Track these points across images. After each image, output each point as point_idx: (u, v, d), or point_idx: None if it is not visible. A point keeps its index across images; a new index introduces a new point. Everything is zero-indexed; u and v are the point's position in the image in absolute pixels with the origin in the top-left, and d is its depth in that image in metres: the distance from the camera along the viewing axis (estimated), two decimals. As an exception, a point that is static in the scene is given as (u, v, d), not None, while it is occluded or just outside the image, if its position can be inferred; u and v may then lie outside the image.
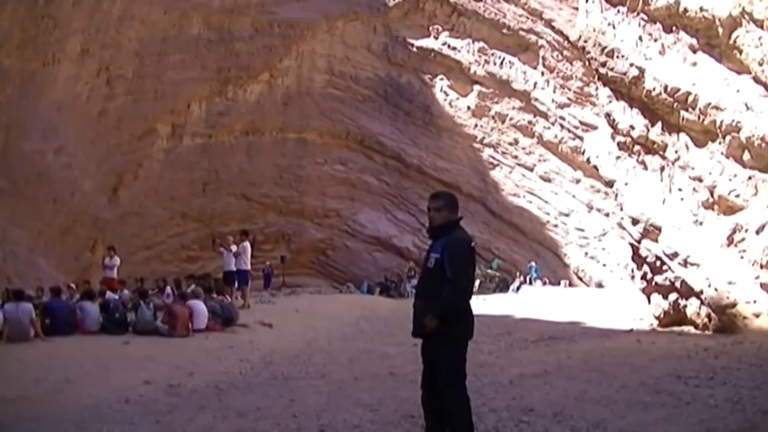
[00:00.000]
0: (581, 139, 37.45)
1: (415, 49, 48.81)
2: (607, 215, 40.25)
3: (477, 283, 31.25)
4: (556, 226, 45.53)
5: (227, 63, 43.74)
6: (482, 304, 28.18)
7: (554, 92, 44.21)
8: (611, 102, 19.66)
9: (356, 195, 50.14)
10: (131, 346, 16.66)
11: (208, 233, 43.07)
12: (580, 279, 43.55)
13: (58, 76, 31.14)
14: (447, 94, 48.69)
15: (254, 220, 45.91)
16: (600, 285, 40.69)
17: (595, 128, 29.69)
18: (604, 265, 42.04)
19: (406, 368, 12.42)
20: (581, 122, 42.17)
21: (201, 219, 45.07)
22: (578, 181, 43.95)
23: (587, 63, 24.39)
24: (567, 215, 44.80)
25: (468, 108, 47.91)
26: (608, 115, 19.95)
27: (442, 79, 48.78)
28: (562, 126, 44.10)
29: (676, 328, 16.40)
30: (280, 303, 27.96)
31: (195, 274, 29.26)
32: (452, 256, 7.37)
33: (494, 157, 47.77)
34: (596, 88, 25.08)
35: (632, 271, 20.66)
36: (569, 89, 43.56)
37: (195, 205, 44.80)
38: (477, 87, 47.52)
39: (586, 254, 43.55)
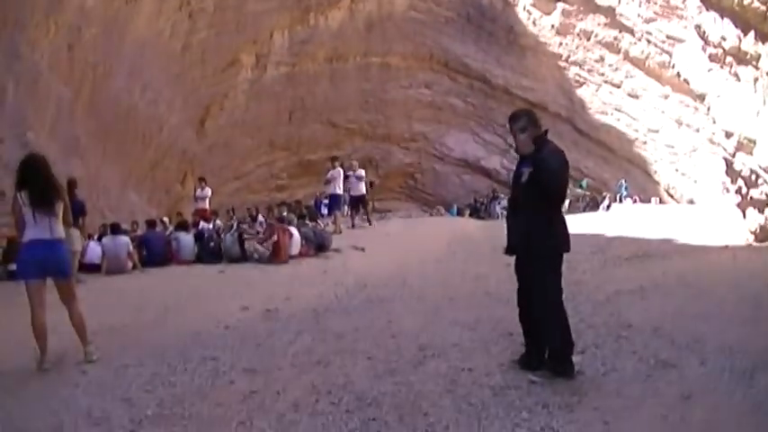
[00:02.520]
0: (668, 53, 36.64)
1: (496, -32, 48.02)
2: (697, 130, 39.47)
3: (567, 202, 31.06)
4: (645, 143, 44.75)
5: (308, -9, 43.66)
6: (573, 222, 28.12)
7: (639, 6, 42.92)
8: (700, 13, 19.16)
9: (442, 118, 50.04)
10: (226, 274, 17.02)
11: (296, 161, 43.52)
12: (671, 196, 42.95)
13: (140, 13, 31.39)
14: (530, 13, 47.81)
15: (341, 146, 46.08)
16: (691, 202, 40.08)
17: (682, 41, 29.00)
18: (695, 182, 41.37)
19: (500, 288, 12.41)
20: (668, 36, 40.97)
21: (289, 147, 45.52)
22: (667, 97, 42.93)
23: (675, -26, 23.83)
24: (656, 131, 43.91)
25: (552, 26, 47.03)
26: (698, 27, 19.47)
27: (524, -3, 47.97)
28: (649, 41, 42.92)
29: (774, 243, 16.15)
30: (370, 228, 28.15)
31: (287, 201, 29.68)
32: (546, 165, 7.41)
33: (580, 75, 47.02)
34: (683, 0, 24.46)
35: (726, 186, 20.32)
36: (655, 2, 42.22)
37: (282, 134, 45.19)
38: (560, 5, 46.43)
39: (677, 170, 42.84)
